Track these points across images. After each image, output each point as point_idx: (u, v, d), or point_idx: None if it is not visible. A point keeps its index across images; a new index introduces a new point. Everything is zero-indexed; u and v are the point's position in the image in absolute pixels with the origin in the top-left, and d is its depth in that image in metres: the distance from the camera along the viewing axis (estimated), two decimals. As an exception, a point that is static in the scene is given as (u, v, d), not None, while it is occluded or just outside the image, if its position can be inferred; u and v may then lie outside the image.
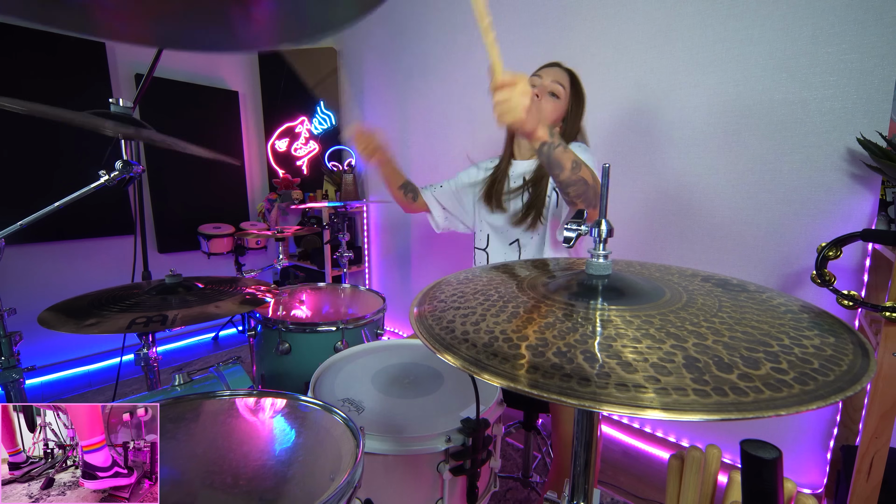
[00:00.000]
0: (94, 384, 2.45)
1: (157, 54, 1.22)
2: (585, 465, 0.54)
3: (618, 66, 1.78)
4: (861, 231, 0.87)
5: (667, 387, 0.34)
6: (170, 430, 0.70)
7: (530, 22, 2.03)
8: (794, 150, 1.43)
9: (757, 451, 0.36)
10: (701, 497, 0.71)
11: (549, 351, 0.39)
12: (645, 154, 1.75)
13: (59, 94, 2.30)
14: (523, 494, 1.56)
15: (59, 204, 0.98)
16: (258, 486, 0.59)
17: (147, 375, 1.10)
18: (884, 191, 1.29)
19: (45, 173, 2.28)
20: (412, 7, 2.55)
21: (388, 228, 3.02)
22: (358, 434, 0.67)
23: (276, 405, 0.79)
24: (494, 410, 0.92)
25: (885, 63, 1.26)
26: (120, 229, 2.59)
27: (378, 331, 1.49)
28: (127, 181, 1.08)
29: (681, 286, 0.56)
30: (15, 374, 0.97)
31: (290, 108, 3.11)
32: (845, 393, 0.33)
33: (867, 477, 0.97)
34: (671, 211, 1.71)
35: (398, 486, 0.83)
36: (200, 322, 0.92)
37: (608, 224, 0.55)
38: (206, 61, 2.93)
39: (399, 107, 2.75)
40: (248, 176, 3.19)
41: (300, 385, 1.30)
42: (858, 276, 1.35)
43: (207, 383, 0.88)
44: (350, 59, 3.03)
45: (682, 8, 1.60)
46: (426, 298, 0.56)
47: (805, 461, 1.50)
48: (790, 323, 0.44)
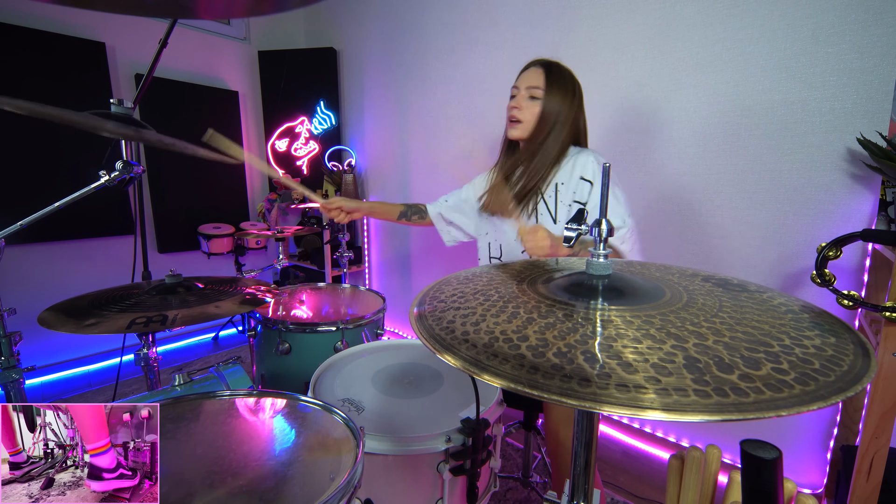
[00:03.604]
0: (94, 384, 2.45)
1: (158, 54, 1.22)
2: (585, 465, 0.54)
3: (618, 66, 1.78)
4: (861, 231, 0.86)
5: (667, 387, 0.34)
6: (170, 430, 0.70)
7: (530, 22, 2.03)
8: (794, 150, 1.43)
9: (757, 451, 0.36)
10: (701, 497, 0.71)
11: (549, 351, 0.39)
12: (645, 154, 1.75)
13: (59, 93, 2.30)
14: (523, 494, 1.56)
15: (59, 204, 0.98)
16: (258, 486, 0.59)
17: (147, 375, 1.10)
18: (884, 191, 1.29)
19: (45, 173, 2.28)
20: (412, 7, 2.55)
21: (388, 228, 3.02)
22: (358, 434, 0.67)
23: (276, 405, 0.79)
24: (494, 410, 0.92)
25: (885, 63, 1.26)
26: (120, 229, 2.59)
27: (378, 331, 1.49)
28: (127, 181, 1.08)
29: (681, 286, 0.56)
30: (15, 374, 0.97)
31: (290, 108, 3.10)
32: (846, 393, 0.33)
33: (867, 477, 0.97)
34: (671, 211, 1.71)
35: (398, 486, 0.83)
36: (200, 322, 0.92)
37: (608, 224, 0.55)
38: (206, 61, 2.93)
39: (399, 107, 2.75)
40: (248, 176, 3.19)
41: (300, 385, 1.30)
42: (858, 276, 1.35)
43: (207, 383, 0.88)
44: (350, 59, 3.03)
45: (682, 8, 1.60)
46: (426, 299, 0.56)
47: (805, 461, 1.50)
48: (791, 323, 0.44)
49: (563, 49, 1.93)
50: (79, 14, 2.35)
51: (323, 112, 3.10)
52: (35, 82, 2.23)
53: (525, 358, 0.39)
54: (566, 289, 0.54)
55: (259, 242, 2.83)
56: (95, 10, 0.55)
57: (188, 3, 0.56)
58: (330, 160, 3.06)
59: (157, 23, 2.53)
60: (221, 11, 0.60)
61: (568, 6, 1.90)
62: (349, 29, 2.98)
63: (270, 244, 3.24)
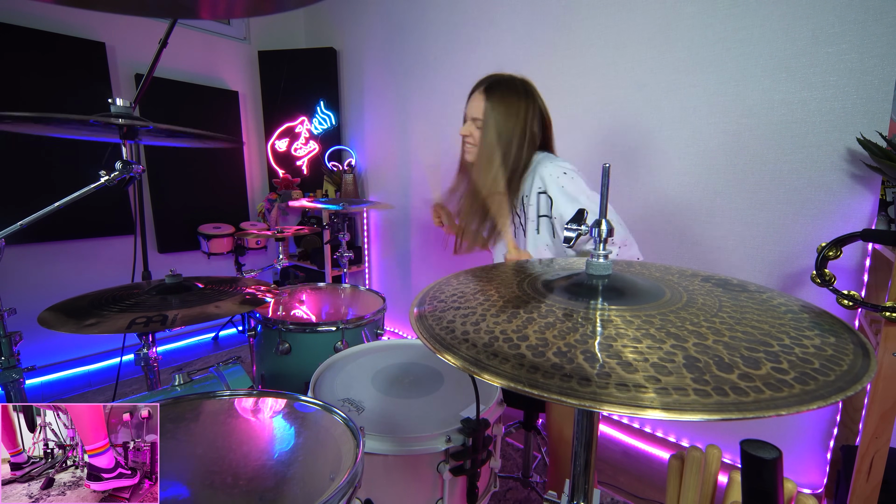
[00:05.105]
0: (94, 384, 2.45)
1: (158, 54, 1.22)
2: (585, 465, 0.54)
3: (618, 66, 1.78)
4: (861, 231, 0.86)
5: (667, 387, 0.34)
6: (170, 430, 0.70)
7: (530, 22, 2.03)
8: (794, 150, 1.43)
9: (757, 451, 0.36)
10: (701, 497, 0.71)
11: (549, 351, 0.39)
12: (645, 154, 1.75)
13: (58, 93, 2.30)
14: (523, 494, 1.56)
15: (59, 204, 0.98)
16: (258, 486, 0.59)
17: (147, 375, 1.10)
18: (884, 191, 1.29)
19: (44, 173, 2.28)
20: (412, 7, 2.55)
21: (388, 228, 3.02)
22: (358, 434, 0.67)
23: (276, 405, 0.79)
24: (494, 410, 0.92)
25: (885, 63, 1.26)
26: (120, 229, 2.59)
27: (378, 331, 1.49)
28: (127, 181, 1.08)
29: (681, 286, 0.56)
30: (15, 374, 0.97)
31: (290, 108, 3.10)
32: (846, 393, 0.33)
33: (867, 477, 0.97)
34: (671, 211, 1.71)
35: (398, 486, 0.83)
36: (200, 322, 0.92)
37: (608, 224, 0.55)
38: (206, 61, 2.93)
39: (399, 106, 2.75)
40: (248, 176, 3.19)
41: (300, 385, 1.30)
42: (858, 276, 1.35)
43: (207, 383, 0.88)
44: (350, 59, 3.03)
45: (682, 8, 1.60)
46: (426, 299, 0.56)
47: (805, 461, 1.50)
48: (790, 323, 0.44)
49: (563, 49, 1.93)
50: (79, 14, 2.35)
51: (323, 112, 3.10)
52: (35, 82, 2.23)
53: (525, 357, 0.39)
54: (566, 289, 0.54)
55: (259, 242, 2.83)
56: (95, 10, 0.55)
57: (188, 3, 0.56)
58: (330, 160, 3.06)
59: (157, 23, 2.53)
60: (222, 11, 0.60)
61: (568, 6, 1.90)
62: (349, 29, 2.98)
63: (270, 244, 3.24)
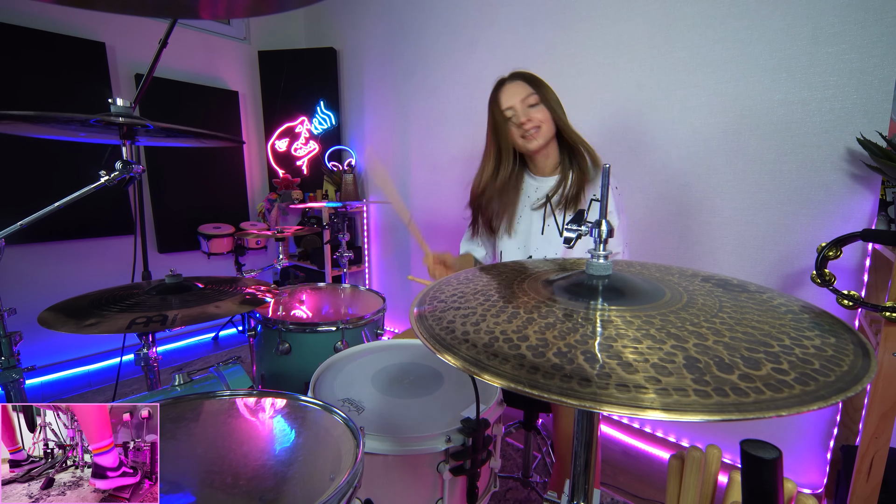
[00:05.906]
0: (94, 384, 2.45)
1: (158, 54, 1.22)
2: (585, 465, 0.54)
3: (618, 66, 1.78)
4: (861, 231, 0.86)
5: (667, 387, 0.34)
6: (170, 430, 0.70)
7: (530, 22, 2.03)
8: (794, 150, 1.43)
9: (757, 451, 0.36)
10: (701, 497, 0.71)
11: (549, 351, 0.39)
12: (645, 154, 1.75)
13: (58, 93, 2.30)
14: (523, 494, 1.56)
15: (59, 204, 0.98)
16: (258, 486, 0.58)
17: (147, 375, 1.10)
18: (884, 191, 1.29)
19: (44, 173, 2.28)
20: (412, 7, 2.55)
21: (388, 228, 3.02)
22: (358, 434, 0.67)
23: (276, 405, 0.79)
24: (494, 410, 0.92)
25: (885, 63, 1.26)
26: (120, 229, 2.59)
27: (378, 331, 1.49)
28: (127, 181, 1.08)
29: (681, 286, 0.56)
30: (15, 374, 0.97)
31: (290, 108, 3.10)
32: (846, 393, 0.33)
33: (867, 477, 0.97)
34: (671, 211, 1.71)
35: (398, 486, 0.83)
36: (200, 322, 0.92)
37: (608, 224, 0.55)
38: (206, 61, 2.93)
39: (399, 106, 2.75)
40: (248, 176, 3.19)
41: (300, 385, 1.30)
42: (858, 276, 1.35)
43: (207, 383, 0.88)
44: (350, 59, 3.03)
45: (682, 8, 1.60)
46: (426, 299, 0.56)
47: (805, 461, 1.50)
48: (791, 323, 0.44)
49: (563, 49, 1.93)
50: (79, 14, 2.35)
51: (323, 112, 3.10)
52: (35, 82, 2.23)
53: (525, 358, 0.39)
54: (566, 289, 0.54)
55: (259, 242, 2.83)
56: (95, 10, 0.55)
57: (188, 3, 0.56)
58: (330, 160, 3.06)
59: (157, 23, 2.53)
60: (222, 11, 0.60)
61: (568, 6, 1.90)
62: (349, 29, 2.98)
63: (270, 244, 3.24)
